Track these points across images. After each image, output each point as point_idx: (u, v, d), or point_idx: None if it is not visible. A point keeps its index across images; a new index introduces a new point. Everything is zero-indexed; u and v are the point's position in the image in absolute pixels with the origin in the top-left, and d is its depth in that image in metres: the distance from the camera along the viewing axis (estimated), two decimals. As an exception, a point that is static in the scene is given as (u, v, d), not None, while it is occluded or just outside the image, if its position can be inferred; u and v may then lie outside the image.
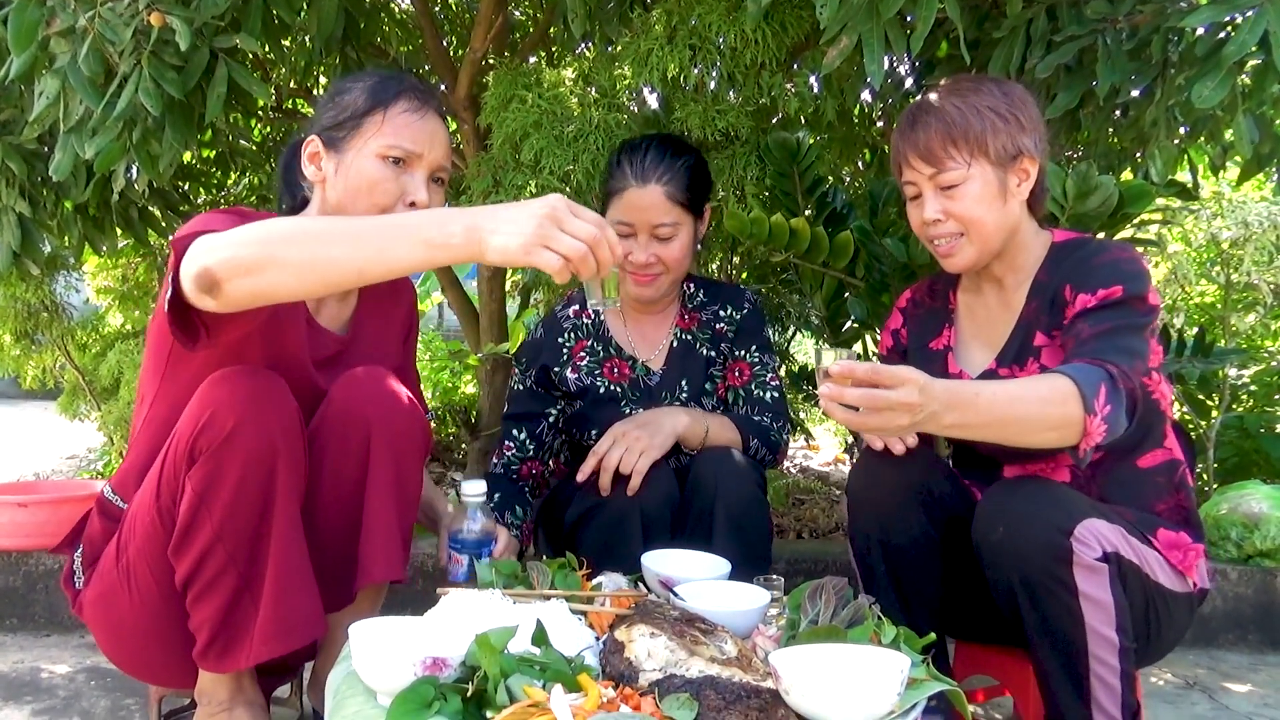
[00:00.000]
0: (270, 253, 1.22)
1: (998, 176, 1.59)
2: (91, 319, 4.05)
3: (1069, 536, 1.42)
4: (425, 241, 1.18)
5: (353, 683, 1.24)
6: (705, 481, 1.81)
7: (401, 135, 1.57)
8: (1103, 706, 1.45)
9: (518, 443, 2.02)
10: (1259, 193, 3.84)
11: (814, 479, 4.10)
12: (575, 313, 2.07)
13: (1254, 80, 1.88)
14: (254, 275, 1.22)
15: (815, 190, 2.46)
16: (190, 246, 1.28)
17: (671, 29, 2.22)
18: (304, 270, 1.22)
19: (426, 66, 3.17)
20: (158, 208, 2.76)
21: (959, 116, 1.58)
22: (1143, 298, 1.53)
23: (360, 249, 1.20)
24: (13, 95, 2.26)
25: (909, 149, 1.62)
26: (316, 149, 1.61)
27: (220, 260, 1.22)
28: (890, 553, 1.62)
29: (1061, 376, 1.42)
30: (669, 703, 1.11)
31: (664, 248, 1.92)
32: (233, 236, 1.25)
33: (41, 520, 2.45)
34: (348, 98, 1.61)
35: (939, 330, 1.82)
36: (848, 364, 1.27)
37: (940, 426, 1.36)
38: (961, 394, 1.36)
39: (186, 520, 1.40)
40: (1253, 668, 2.44)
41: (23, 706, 1.96)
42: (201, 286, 1.24)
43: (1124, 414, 1.44)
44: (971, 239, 1.62)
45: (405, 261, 1.19)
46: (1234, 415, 3.30)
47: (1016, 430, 1.41)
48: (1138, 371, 1.48)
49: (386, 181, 1.56)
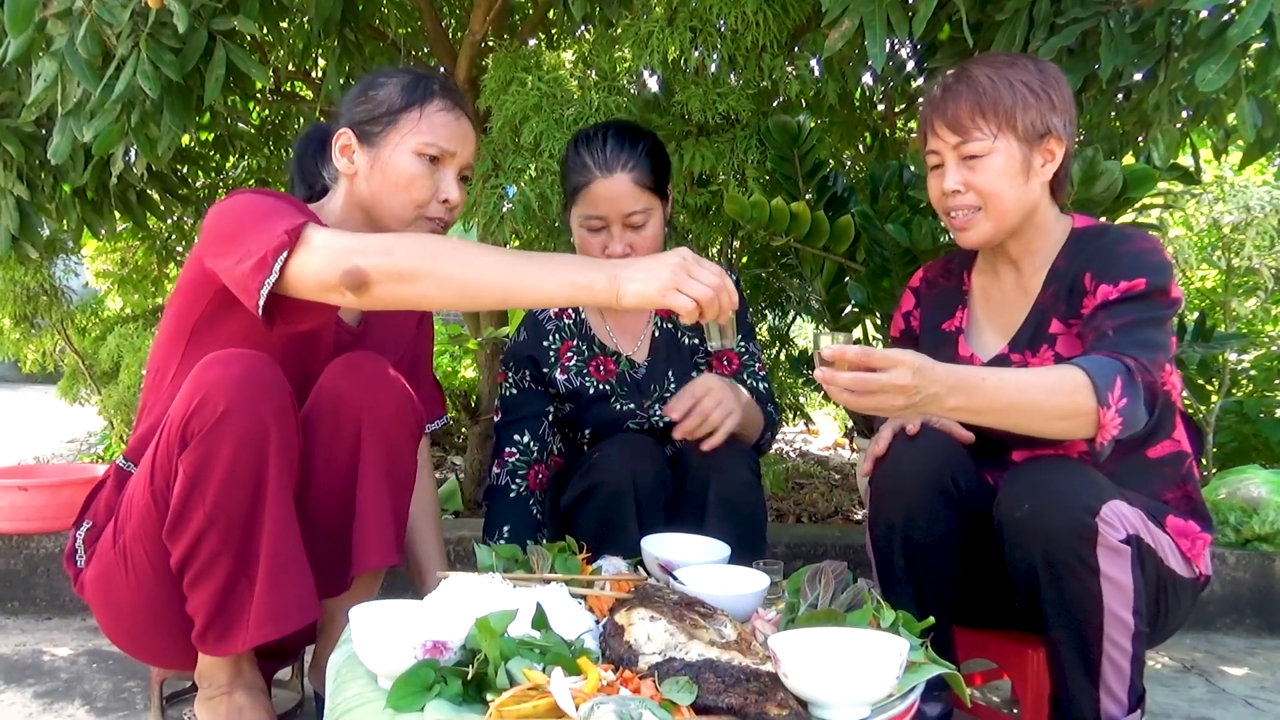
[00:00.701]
0: (429, 265, 1.31)
1: (1023, 153, 1.57)
2: (91, 303, 4.04)
3: (1095, 516, 1.42)
4: (571, 282, 1.29)
5: (353, 666, 1.24)
6: (697, 466, 1.79)
7: (438, 133, 1.61)
8: (1111, 689, 1.46)
9: (521, 447, 1.94)
10: (1261, 177, 3.83)
11: (813, 463, 4.11)
12: (555, 314, 2.01)
13: (1257, 63, 1.87)
14: (407, 283, 1.31)
15: (816, 174, 2.45)
16: (309, 238, 1.34)
17: (672, 11, 2.21)
18: (457, 286, 1.32)
19: (425, 49, 3.16)
20: (156, 191, 2.75)
21: (990, 87, 1.56)
22: (1165, 290, 1.52)
23: (512, 275, 1.30)
24: (10, 77, 2.25)
25: (936, 116, 1.61)
26: (349, 142, 1.63)
27: (376, 264, 1.31)
28: (910, 547, 1.61)
29: (1074, 368, 1.42)
30: (668, 686, 1.11)
31: (638, 235, 1.86)
32: (382, 242, 1.34)
33: (42, 504, 2.46)
34: (382, 93, 1.63)
35: (952, 311, 1.80)
36: (839, 347, 1.30)
37: (944, 409, 1.36)
38: (967, 378, 1.36)
39: (179, 504, 1.40)
40: (1250, 651, 2.45)
41: (25, 689, 1.97)
42: (349, 283, 1.31)
43: (1143, 407, 1.44)
44: (989, 213, 1.61)
45: (550, 295, 1.31)
46: (1234, 400, 3.30)
47: (1024, 417, 1.41)
48: (1159, 365, 1.47)
49: (423, 178, 1.60)
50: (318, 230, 1.36)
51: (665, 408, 1.79)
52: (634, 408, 1.95)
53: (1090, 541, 1.42)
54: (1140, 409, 1.44)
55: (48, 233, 2.74)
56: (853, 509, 3.28)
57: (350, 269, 1.30)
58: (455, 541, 2.52)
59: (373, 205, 1.62)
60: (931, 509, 1.59)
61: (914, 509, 1.60)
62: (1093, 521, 1.42)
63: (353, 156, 1.63)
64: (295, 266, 1.34)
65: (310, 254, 1.33)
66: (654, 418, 1.94)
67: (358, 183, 1.63)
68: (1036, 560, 1.46)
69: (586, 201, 1.86)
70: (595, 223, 1.86)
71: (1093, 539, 1.42)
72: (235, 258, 1.38)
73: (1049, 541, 1.44)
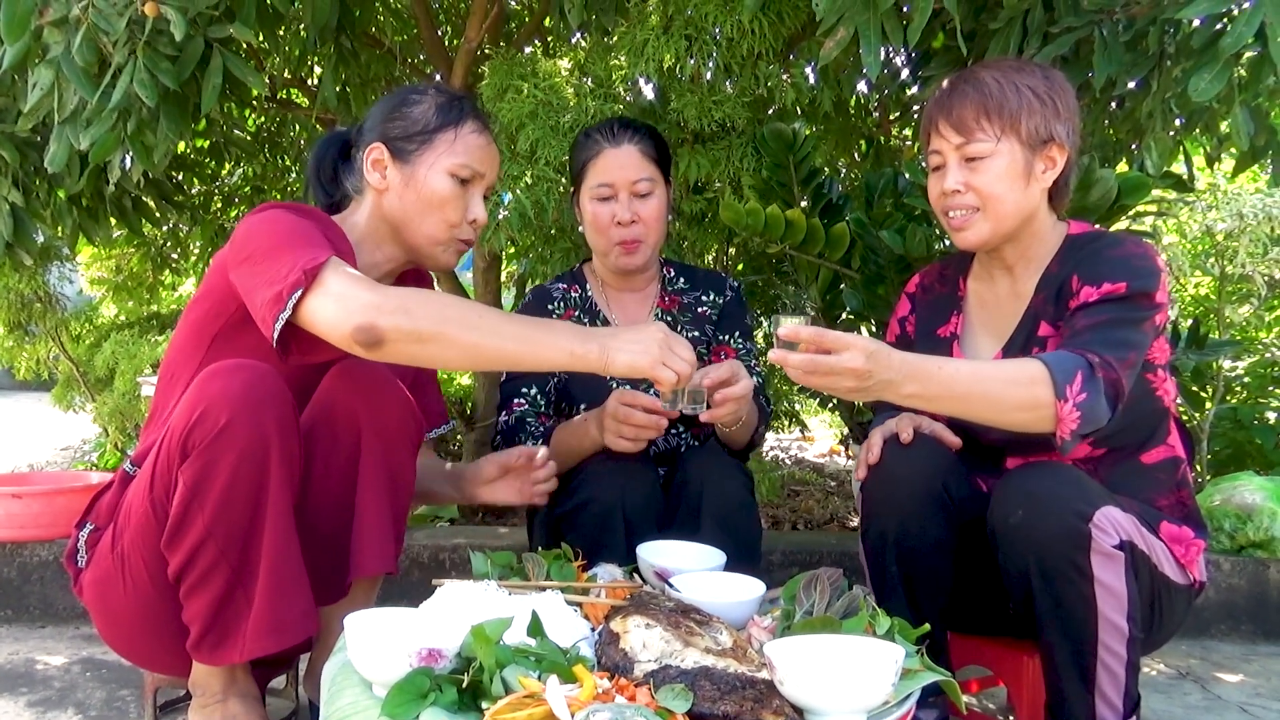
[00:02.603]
0: (445, 331, 1.36)
1: (1025, 157, 1.58)
2: (85, 310, 4.04)
3: (1088, 522, 1.42)
4: (569, 351, 1.39)
5: (348, 674, 1.24)
6: (692, 481, 1.81)
7: (472, 155, 1.66)
8: (1106, 696, 1.46)
9: (529, 398, 1.98)
10: (1254, 184, 3.85)
11: (809, 470, 4.11)
12: (565, 285, 2.07)
13: (1249, 72, 1.88)
14: (421, 344, 1.36)
15: (811, 181, 2.45)
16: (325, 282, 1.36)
17: (668, 19, 2.22)
18: (467, 352, 1.39)
19: (421, 56, 3.16)
20: (151, 198, 2.75)
21: (997, 90, 1.57)
22: (1148, 294, 1.52)
23: (519, 345, 1.39)
24: (4, 85, 2.24)
25: (941, 116, 1.61)
26: (381, 156, 1.64)
27: (395, 325, 1.34)
28: (904, 554, 1.61)
29: (1034, 361, 1.45)
30: (664, 693, 1.11)
31: (643, 205, 1.94)
32: (400, 301, 1.36)
33: (36, 512, 2.45)
34: (417, 110, 1.65)
35: (948, 317, 1.80)
36: (794, 326, 1.35)
37: (899, 396, 1.40)
38: (922, 366, 1.40)
39: (179, 515, 1.40)
40: (1245, 658, 2.45)
41: (18, 698, 1.96)
42: (361, 339, 1.35)
43: (1104, 403, 1.44)
44: (987, 215, 1.61)
45: (550, 363, 1.42)
46: (1228, 406, 3.30)
47: (980, 407, 1.44)
48: (1128, 363, 1.48)
49: (456, 199, 1.64)
50: (336, 273, 1.38)
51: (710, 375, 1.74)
52: (629, 386, 1.96)
53: (1084, 548, 1.42)
54: (1100, 405, 1.44)
55: (42, 239, 2.74)
56: (848, 516, 3.28)
57: (365, 325, 1.33)
58: (451, 549, 2.52)
59: (403, 223, 1.64)
60: (924, 516, 1.59)
61: (907, 516, 1.60)
62: (1086, 528, 1.42)
63: (385, 172, 1.64)
64: (308, 310, 1.37)
65: (324, 299, 1.36)
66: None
67: (388, 198, 1.65)
68: (1030, 567, 1.46)
69: (595, 171, 1.95)
70: (604, 190, 1.94)
71: (1086, 545, 1.42)
72: (255, 282, 1.41)
73: (1042, 548, 1.45)
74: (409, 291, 1.40)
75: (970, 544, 1.62)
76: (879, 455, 1.64)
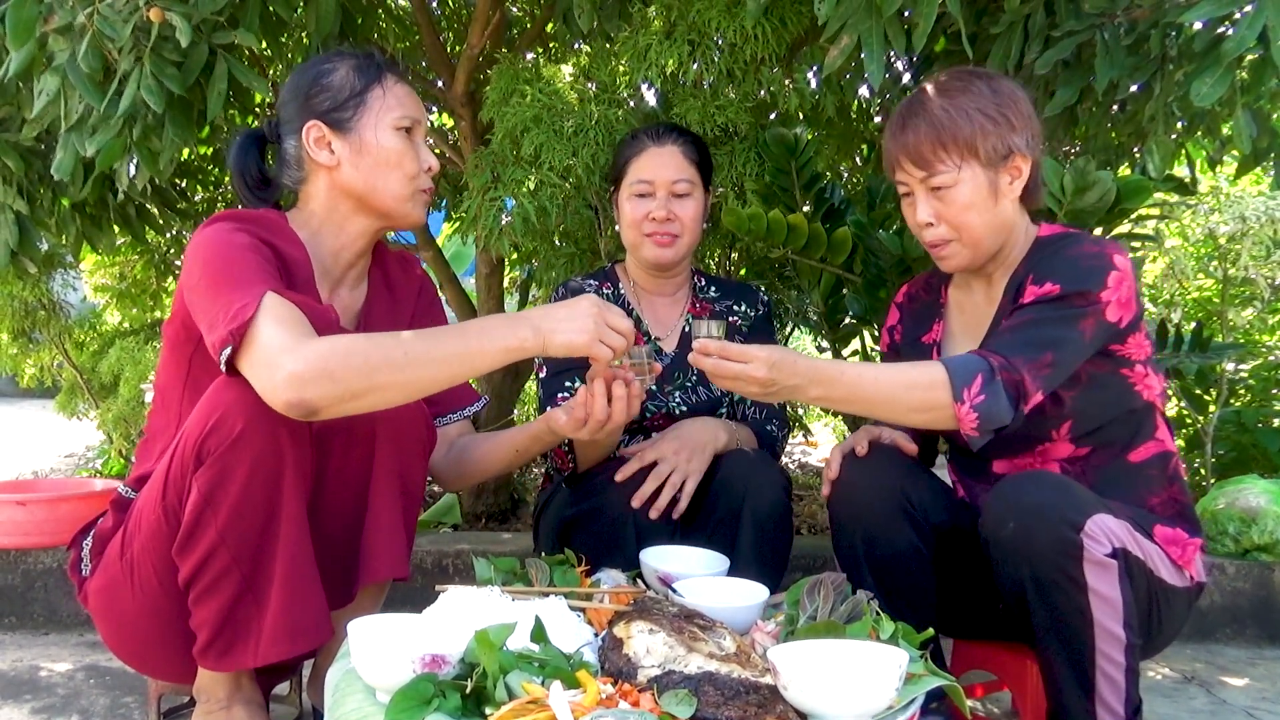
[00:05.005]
0: (375, 381, 1.34)
1: (989, 178, 1.59)
2: (89, 317, 4.04)
3: (1079, 532, 1.42)
4: (504, 349, 1.39)
5: (352, 680, 1.24)
6: (734, 484, 1.80)
7: (406, 105, 1.65)
8: (1107, 703, 1.46)
9: (573, 391, 1.94)
10: (1256, 187, 3.85)
11: (812, 475, 4.10)
12: (596, 285, 2.07)
13: (1252, 75, 1.88)
14: (356, 400, 1.34)
15: (813, 186, 2.45)
16: (254, 340, 1.32)
17: (670, 24, 2.22)
18: (406, 390, 1.38)
19: (423, 62, 3.17)
20: (155, 205, 2.76)
21: (948, 120, 1.57)
22: (1083, 293, 1.52)
23: (457, 364, 1.38)
24: (9, 92, 2.25)
25: (900, 152, 1.63)
26: (322, 134, 1.62)
27: (321, 395, 1.31)
28: (875, 564, 1.63)
29: (936, 364, 1.51)
30: (668, 699, 1.11)
31: (681, 205, 1.97)
32: (324, 365, 1.31)
33: (40, 519, 2.45)
34: (337, 78, 1.63)
35: (930, 325, 1.83)
36: (703, 342, 1.46)
37: (806, 398, 1.51)
38: (825, 371, 1.50)
39: (191, 521, 1.40)
40: (1250, 662, 2.45)
41: (22, 705, 1.96)
42: (296, 413, 1.32)
43: (1004, 403, 1.48)
44: (963, 243, 1.63)
45: (492, 365, 1.40)
46: (1231, 410, 3.29)
47: (882, 409, 1.53)
48: (1042, 363, 1.50)
49: (408, 151, 1.64)
50: (264, 327, 1.33)
51: (619, 472, 1.83)
52: (654, 390, 1.97)
53: (1076, 558, 1.42)
54: (1000, 405, 1.48)
55: (46, 247, 2.74)
56: (852, 520, 3.27)
57: (294, 402, 1.31)
58: (454, 555, 2.52)
59: (367, 191, 1.62)
60: (890, 526, 1.62)
61: (872, 527, 1.63)
62: (1077, 537, 1.42)
63: (331, 147, 1.62)
64: (242, 369, 1.35)
65: (252, 367, 1.34)
66: (671, 403, 1.99)
67: (343, 171, 1.62)
68: (1024, 578, 1.47)
69: (636, 168, 1.99)
70: (643, 187, 1.97)
71: (1078, 555, 1.42)
72: (200, 317, 1.42)
73: (1035, 560, 1.45)
74: (329, 348, 1.33)
75: (959, 550, 1.63)
76: (837, 471, 1.67)
